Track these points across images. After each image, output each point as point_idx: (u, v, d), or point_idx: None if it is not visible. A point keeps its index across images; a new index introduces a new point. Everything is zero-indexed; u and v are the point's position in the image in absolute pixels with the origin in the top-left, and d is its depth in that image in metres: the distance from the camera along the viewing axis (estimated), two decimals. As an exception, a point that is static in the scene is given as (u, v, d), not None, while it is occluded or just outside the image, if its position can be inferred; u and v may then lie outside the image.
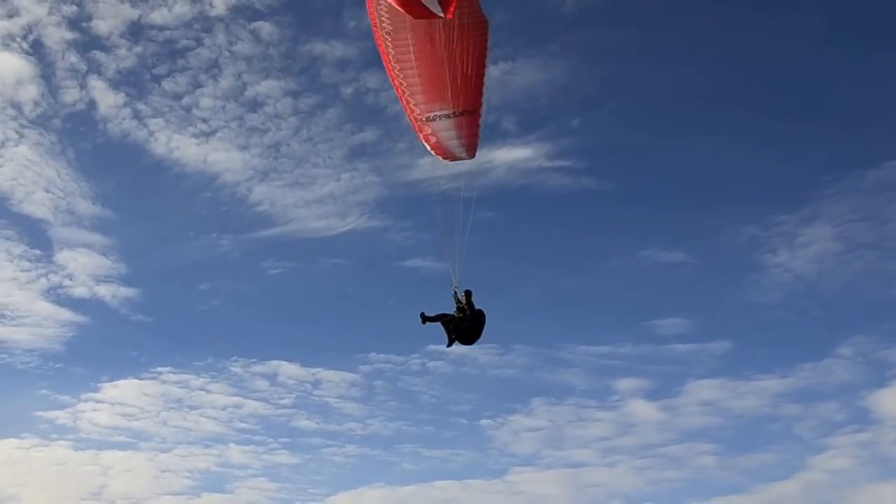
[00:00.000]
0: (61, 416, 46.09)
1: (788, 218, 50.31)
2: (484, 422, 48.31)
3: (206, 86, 50.63)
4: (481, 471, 47.14)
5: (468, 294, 17.21)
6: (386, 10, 16.24)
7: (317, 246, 52.44)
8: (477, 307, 17.19)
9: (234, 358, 49.10)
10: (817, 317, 49.14)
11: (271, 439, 47.12)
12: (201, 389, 47.94)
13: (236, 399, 47.91)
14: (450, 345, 17.24)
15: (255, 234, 52.47)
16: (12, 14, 46.76)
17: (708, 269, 52.34)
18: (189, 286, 52.68)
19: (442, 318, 17.29)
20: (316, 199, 51.43)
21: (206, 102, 50.68)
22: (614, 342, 49.65)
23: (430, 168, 17.88)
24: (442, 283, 17.65)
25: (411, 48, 16.77)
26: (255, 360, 49.00)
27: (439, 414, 48.84)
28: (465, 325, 17.07)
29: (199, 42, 50.08)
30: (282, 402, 48.11)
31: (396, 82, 17.46)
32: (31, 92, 48.26)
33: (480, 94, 16.97)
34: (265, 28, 50.35)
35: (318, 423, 47.87)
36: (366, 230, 51.46)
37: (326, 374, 48.95)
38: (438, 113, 17.26)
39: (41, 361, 47.42)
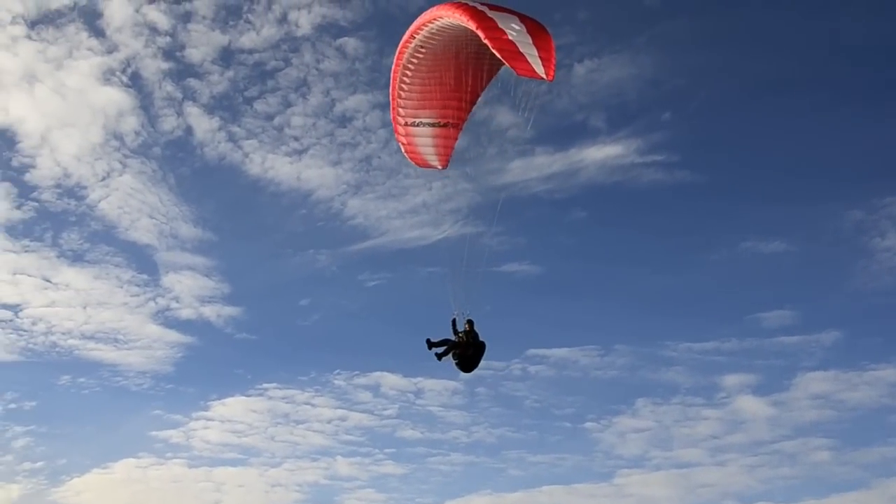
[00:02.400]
0: (175, 435, 47.96)
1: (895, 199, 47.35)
2: (588, 424, 47.62)
3: (296, 104, 51.72)
4: (588, 474, 46.52)
5: (472, 323, 18.01)
6: (447, 34, 16.20)
7: (412, 256, 52.11)
8: (480, 338, 17.99)
9: (337, 371, 49.85)
10: (933, 301, 46.19)
11: (377, 450, 47.50)
12: (307, 404, 48.85)
13: (341, 412, 48.60)
14: (440, 357, 17.85)
15: (351, 247, 53.02)
16: (111, 50, 49.18)
17: (812, 258, 50.49)
18: (290, 302, 53.95)
19: (447, 343, 18.03)
20: (409, 209, 51.28)
21: (297, 121, 51.77)
22: (718, 337, 48.44)
23: (522, 171, 18.85)
24: (537, 286, 17.90)
25: (433, 63, 17.17)
26: (357, 372, 49.58)
27: (543, 418, 48.43)
28: (469, 352, 17.88)
29: (288, 62, 51.27)
30: (385, 412, 48.50)
31: (396, 84, 17.78)
32: (131, 123, 50.45)
33: (468, 113, 17.96)
34: (350, 44, 50.91)
35: (422, 433, 48.10)
36: (460, 238, 50.88)
37: (428, 383, 48.96)
38: (424, 119, 17.90)
39: (153, 383, 49.44)
